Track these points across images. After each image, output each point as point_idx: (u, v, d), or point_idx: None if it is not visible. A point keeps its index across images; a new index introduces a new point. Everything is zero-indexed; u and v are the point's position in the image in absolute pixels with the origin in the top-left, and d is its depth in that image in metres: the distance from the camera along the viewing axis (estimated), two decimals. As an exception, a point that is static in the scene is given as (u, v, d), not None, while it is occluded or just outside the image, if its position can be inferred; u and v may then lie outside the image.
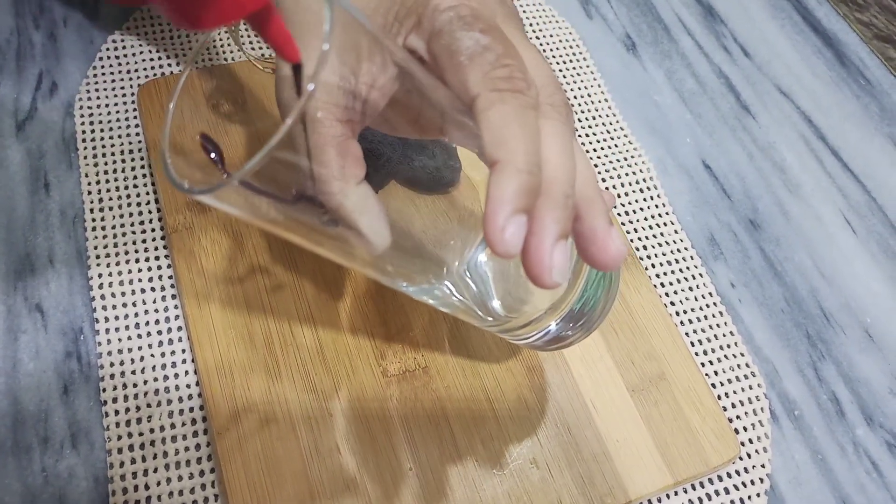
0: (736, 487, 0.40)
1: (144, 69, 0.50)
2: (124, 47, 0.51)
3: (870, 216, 0.50)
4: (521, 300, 0.32)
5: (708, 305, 0.45)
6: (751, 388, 0.43)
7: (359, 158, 0.26)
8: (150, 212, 0.44)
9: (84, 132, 0.47)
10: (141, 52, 0.51)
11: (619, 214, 0.48)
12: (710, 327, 0.44)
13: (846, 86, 0.56)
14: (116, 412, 0.38)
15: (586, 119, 0.52)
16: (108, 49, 0.51)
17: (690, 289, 0.45)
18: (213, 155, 0.26)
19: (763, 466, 0.40)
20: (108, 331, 0.40)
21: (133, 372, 0.39)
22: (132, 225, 0.44)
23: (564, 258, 0.22)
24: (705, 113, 0.54)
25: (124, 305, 0.41)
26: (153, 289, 0.42)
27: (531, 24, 0.56)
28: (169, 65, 0.51)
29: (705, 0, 0.60)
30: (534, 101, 0.23)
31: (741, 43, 0.58)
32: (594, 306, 0.33)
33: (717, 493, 0.39)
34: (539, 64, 0.25)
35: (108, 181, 0.45)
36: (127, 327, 0.40)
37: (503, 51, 0.24)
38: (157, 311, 0.41)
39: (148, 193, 0.45)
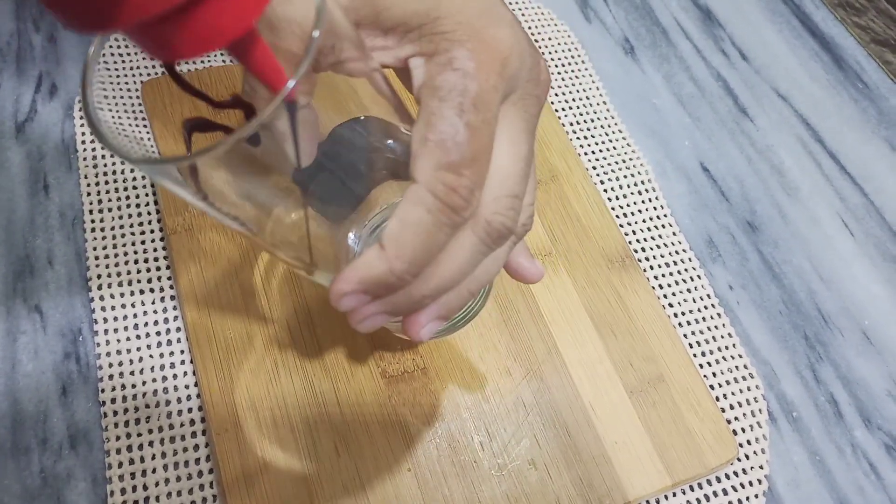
0: (734, 488, 0.40)
1: (145, 67, 0.50)
2: (125, 48, 0.51)
3: (867, 219, 0.50)
4: None
5: (706, 307, 0.45)
6: (749, 389, 0.43)
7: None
8: (149, 213, 0.44)
9: (83, 134, 0.47)
10: (141, 53, 0.51)
11: (617, 217, 0.48)
12: (709, 329, 0.44)
13: (844, 89, 0.56)
14: (115, 413, 0.38)
15: (585, 122, 0.52)
16: (109, 48, 0.51)
17: (689, 290, 0.46)
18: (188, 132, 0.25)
19: (761, 468, 0.40)
20: (106, 332, 0.40)
21: (132, 373, 0.39)
22: (131, 227, 0.44)
23: (435, 328, 0.26)
24: (704, 116, 0.54)
25: (123, 307, 0.41)
26: (152, 290, 0.42)
27: (530, 28, 0.57)
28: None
29: (703, 4, 0.60)
30: (460, 220, 0.23)
31: (739, 47, 0.58)
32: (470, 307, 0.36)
33: (715, 494, 0.39)
34: (510, 174, 0.24)
35: (107, 183, 0.45)
36: (126, 328, 0.40)
37: (469, 158, 0.22)
38: (155, 312, 0.41)
39: (147, 195, 0.45)
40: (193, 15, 0.17)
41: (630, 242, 0.47)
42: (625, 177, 0.50)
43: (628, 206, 0.49)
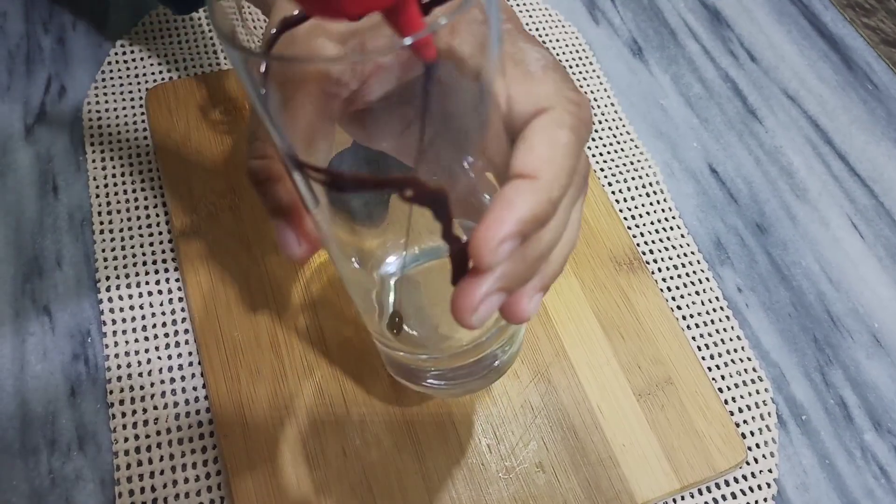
0: (743, 492, 0.39)
1: (152, 73, 0.50)
2: (132, 52, 0.51)
3: (877, 220, 0.50)
4: (437, 326, 0.32)
5: (714, 310, 0.45)
6: (758, 392, 0.42)
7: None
8: (157, 215, 0.44)
9: (92, 136, 0.47)
10: (149, 57, 0.51)
11: (625, 218, 0.48)
12: (717, 331, 0.44)
13: (853, 90, 0.56)
14: (123, 414, 0.38)
15: (593, 124, 0.52)
16: (116, 54, 0.51)
17: (697, 293, 0.45)
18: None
19: (770, 471, 0.40)
20: (115, 333, 0.40)
21: (140, 374, 0.39)
22: (139, 228, 0.44)
23: (539, 302, 0.23)
24: (712, 117, 0.54)
25: (131, 308, 0.41)
26: (160, 291, 0.42)
27: (537, 29, 0.57)
28: (177, 69, 0.51)
29: (712, 5, 0.60)
30: (588, 138, 0.22)
31: (748, 47, 0.58)
32: (502, 362, 0.33)
33: (723, 497, 0.39)
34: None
35: (115, 184, 0.45)
36: (134, 330, 0.41)
37: (566, 74, 0.22)
38: (163, 313, 0.41)
39: (155, 197, 0.45)
40: None
41: (638, 244, 0.47)
42: (632, 178, 0.50)
43: (636, 207, 0.48)
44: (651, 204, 0.49)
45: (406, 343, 0.31)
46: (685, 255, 0.47)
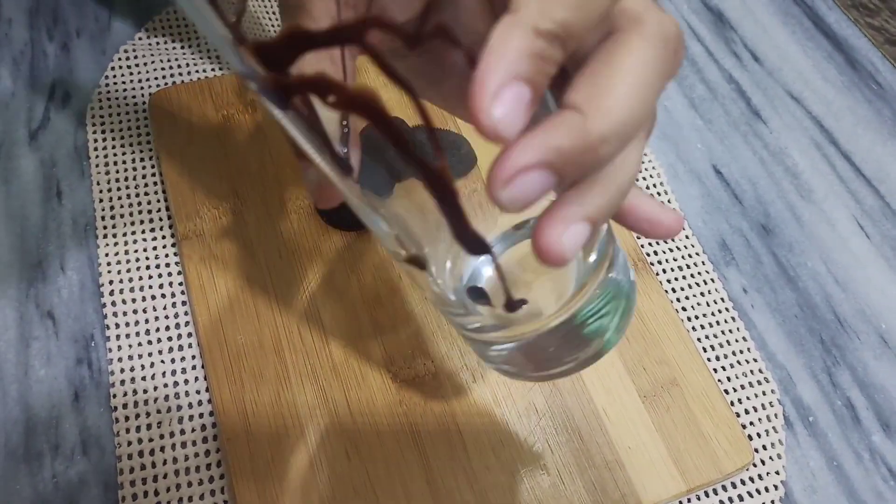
0: (750, 494, 0.39)
1: (156, 78, 0.50)
2: (135, 58, 0.51)
3: (883, 221, 0.49)
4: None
5: (720, 311, 0.45)
6: (764, 394, 0.42)
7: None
8: (160, 219, 0.44)
9: (96, 141, 0.47)
10: (152, 62, 0.51)
11: (629, 220, 0.47)
12: (723, 333, 0.44)
13: (858, 90, 0.56)
14: (126, 418, 0.38)
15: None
16: (119, 59, 0.51)
17: (702, 294, 0.45)
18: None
19: (777, 473, 0.40)
20: (118, 337, 0.40)
21: (143, 378, 0.39)
22: (143, 232, 0.44)
23: (581, 234, 0.18)
24: (716, 118, 0.53)
25: (135, 312, 0.41)
26: (164, 296, 0.42)
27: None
28: (180, 74, 0.51)
29: (715, 6, 0.60)
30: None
31: (751, 48, 0.58)
32: (598, 328, 0.27)
33: (730, 500, 0.39)
34: None
35: (119, 189, 0.45)
36: (138, 334, 0.41)
37: None
38: (167, 317, 0.41)
39: (159, 201, 0.45)
40: None
41: (642, 246, 0.47)
42: (637, 180, 0.49)
43: (640, 209, 0.48)
44: (655, 205, 0.48)
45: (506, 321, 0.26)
46: (690, 256, 0.47)
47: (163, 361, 0.40)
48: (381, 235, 0.25)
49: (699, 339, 0.44)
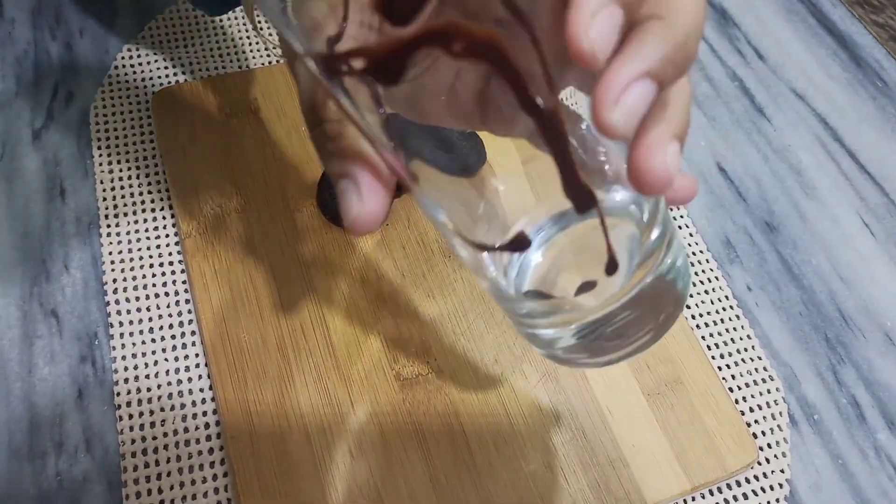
0: (755, 493, 0.39)
1: (159, 77, 0.50)
2: (139, 56, 0.51)
3: (888, 218, 0.49)
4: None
5: (724, 309, 0.44)
6: (769, 392, 0.42)
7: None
8: (164, 218, 0.44)
9: (99, 140, 0.47)
10: (155, 61, 0.51)
11: (632, 218, 0.47)
12: (727, 331, 0.44)
13: (862, 88, 0.56)
14: (130, 416, 0.38)
15: None
16: (122, 58, 0.51)
17: (706, 292, 0.45)
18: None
19: (782, 471, 0.40)
20: (122, 336, 0.40)
21: (147, 377, 0.39)
22: (146, 231, 0.44)
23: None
24: (719, 116, 0.53)
25: (138, 310, 0.41)
26: (167, 294, 0.42)
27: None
28: (183, 73, 0.51)
29: (718, 3, 0.60)
30: None
31: (755, 46, 0.57)
32: (679, 279, 0.26)
33: (735, 498, 0.39)
34: None
35: (122, 188, 0.45)
36: (141, 332, 0.41)
37: None
38: (170, 316, 0.41)
39: (162, 199, 0.45)
40: None
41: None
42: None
43: (644, 207, 0.48)
44: (659, 203, 0.48)
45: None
46: (694, 254, 0.46)
47: (166, 360, 0.40)
48: (441, 224, 0.24)
49: (703, 338, 0.43)
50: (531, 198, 0.25)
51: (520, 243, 0.22)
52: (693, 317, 0.44)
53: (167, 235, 0.44)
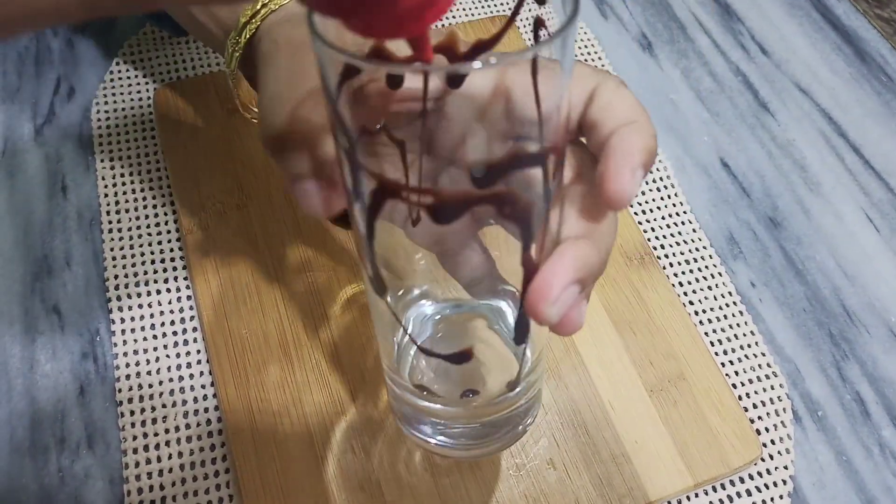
0: (758, 489, 0.39)
1: (160, 73, 0.50)
2: (140, 52, 0.51)
3: (892, 214, 0.49)
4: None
5: (728, 305, 0.44)
6: (772, 388, 0.42)
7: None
8: (165, 214, 0.44)
9: (101, 136, 0.47)
10: (157, 57, 0.51)
11: (636, 213, 0.47)
12: (731, 327, 0.44)
13: (867, 82, 0.55)
14: (132, 413, 0.38)
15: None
16: (124, 54, 0.51)
17: (710, 287, 0.45)
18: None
19: (786, 468, 0.39)
20: (123, 332, 0.40)
21: (148, 373, 0.39)
22: (148, 227, 0.44)
23: (576, 304, 0.22)
24: (723, 111, 0.53)
25: (140, 307, 0.41)
26: (168, 290, 0.42)
27: (545, 25, 0.56)
28: (184, 69, 0.51)
29: (722, -2, 0.60)
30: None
31: (759, 41, 0.57)
32: (525, 425, 0.30)
33: (738, 494, 0.38)
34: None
35: (124, 184, 0.45)
36: (142, 328, 0.40)
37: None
38: (172, 312, 0.41)
39: (164, 196, 0.45)
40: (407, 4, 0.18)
41: (649, 239, 0.46)
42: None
43: (647, 202, 0.48)
44: (662, 199, 0.48)
45: (426, 394, 0.29)
46: (697, 250, 0.46)
47: (168, 356, 0.40)
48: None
49: (706, 333, 0.43)
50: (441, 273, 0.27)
51: (461, 357, 0.26)
52: (696, 313, 0.44)
53: (168, 231, 0.44)
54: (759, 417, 0.41)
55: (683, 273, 0.45)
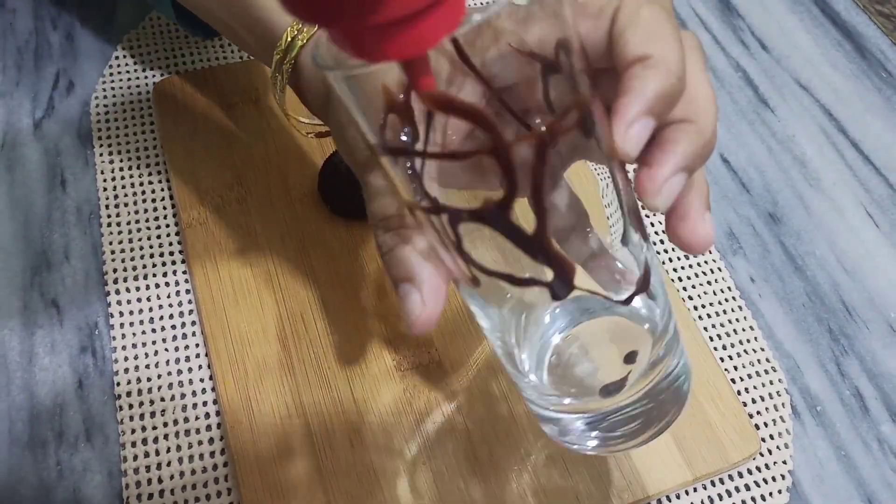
0: (757, 484, 0.39)
1: (160, 67, 0.50)
2: (140, 46, 0.51)
3: (892, 209, 0.49)
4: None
5: (727, 300, 0.44)
6: (771, 383, 0.42)
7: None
8: (164, 208, 0.44)
9: (100, 130, 0.47)
10: (156, 51, 0.51)
11: (635, 209, 0.47)
12: (730, 322, 0.43)
13: (867, 78, 0.55)
14: (130, 406, 0.38)
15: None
16: (123, 48, 0.51)
17: (709, 283, 0.45)
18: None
19: (785, 462, 0.39)
20: (122, 326, 0.40)
21: (147, 366, 0.39)
22: (147, 221, 0.44)
23: (680, 183, 0.22)
24: (723, 107, 0.53)
25: (139, 300, 0.41)
26: (167, 284, 0.42)
27: (545, 20, 0.56)
28: (184, 63, 0.51)
29: (722, -6, 0.59)
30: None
31: (759, 36, 0.57)
32: (683, 382, 0.28)
33: (737, 489, 0.38)
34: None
35: (123, 178, 0.45)
36: (141, 322, 0.40)
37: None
38: (171, 305, 0.41)
39: (163, 189, 0.45)
40: (409, 24, 0.18)
41: (648, 234, 0.46)
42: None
43: (646, 197, 0.48)
44: (661, 194, 0.48)
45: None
46: (697, 245, 0.46)
47: (167, 349, 0.40)
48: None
49: (706, 329, 0.43)
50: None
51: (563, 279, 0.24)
52: (695, 308, 0.44)
53: (168, 225, 0.44)
54: (759, 412, 0.41)
55: (683, 268, 0.45)
